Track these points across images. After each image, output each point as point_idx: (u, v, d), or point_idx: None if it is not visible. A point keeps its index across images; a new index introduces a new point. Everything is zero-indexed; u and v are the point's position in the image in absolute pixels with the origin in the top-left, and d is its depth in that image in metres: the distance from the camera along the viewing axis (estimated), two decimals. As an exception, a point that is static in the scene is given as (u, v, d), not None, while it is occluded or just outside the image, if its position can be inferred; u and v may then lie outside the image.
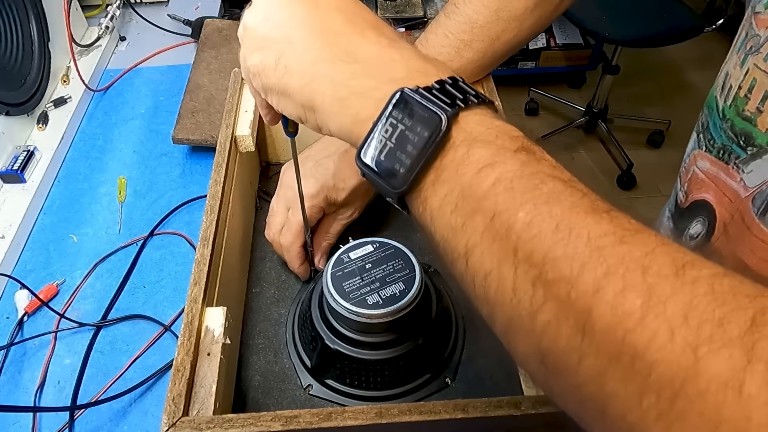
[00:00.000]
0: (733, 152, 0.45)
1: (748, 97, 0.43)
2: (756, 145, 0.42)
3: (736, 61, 0.45)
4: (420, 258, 0.50)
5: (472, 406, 0.37)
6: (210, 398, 0.40)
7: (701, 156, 0.50)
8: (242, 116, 0.61)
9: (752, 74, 0.43)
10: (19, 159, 0.75)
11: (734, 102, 0.45)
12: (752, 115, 0.42)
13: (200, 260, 0.46)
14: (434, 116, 0.27)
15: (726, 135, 0.46)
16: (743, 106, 0.43)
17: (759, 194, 0.43)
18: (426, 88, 0.28)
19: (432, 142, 0.27)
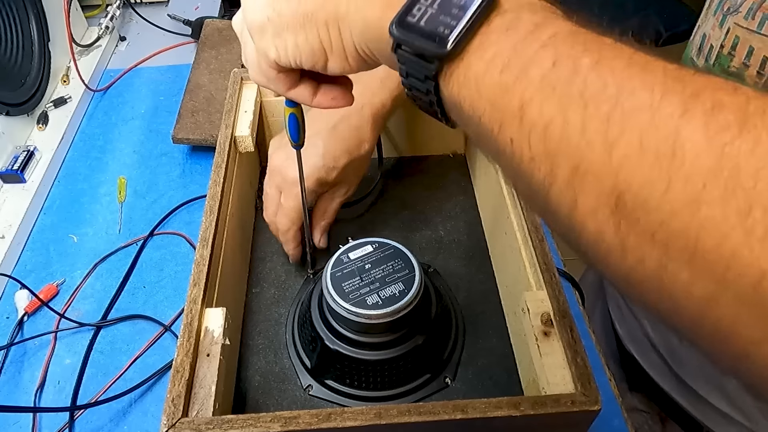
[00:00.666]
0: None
1: (732, 54, 0.46)
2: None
3: (714, 23, 0.48)
4: (420, 258, 0.50)
5: (471, 406, 0.37)
6: (209, 399, 0.40)
7: None
8: (242, 116, 0.61)
9: (734, 32, 0.45)
10: (19, 159, 0.75)
11: (718, 60, 0.47)
12: (739, 70, 0.45)
13: (199, 261, 0.47)
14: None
15: None
16: (728, 63, 0.46)
17: None
18: None
19: (481, 3, 0.25)
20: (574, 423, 0.39)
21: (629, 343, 0.67)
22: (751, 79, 0.45)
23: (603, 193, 0.21)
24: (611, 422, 0.55)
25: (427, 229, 0.64)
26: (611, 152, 0.21)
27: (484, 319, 0.56)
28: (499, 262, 0.59)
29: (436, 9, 0.26)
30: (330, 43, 0.32)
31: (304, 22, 0.32)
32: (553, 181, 0.23)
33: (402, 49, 0.27)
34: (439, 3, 0.26)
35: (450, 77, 0.27)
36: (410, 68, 0.28)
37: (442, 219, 0.65)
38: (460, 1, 0.26)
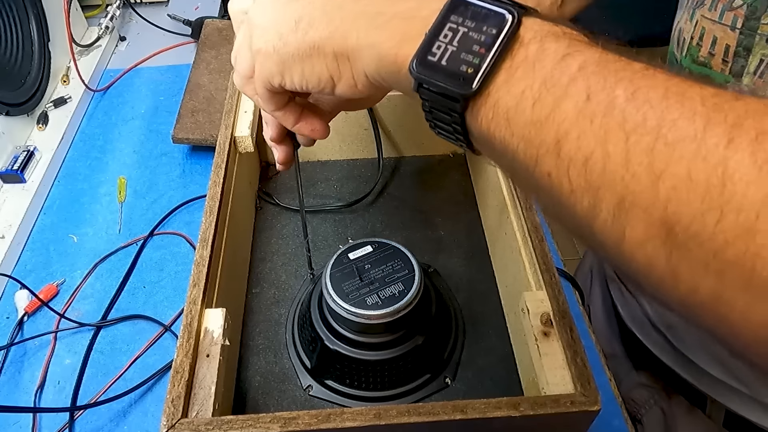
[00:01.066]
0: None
1: (699, 45, 0.49)
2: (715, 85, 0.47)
3: (686, 17, 0.51)
4: (420, 258, 0.50)
5: (470, 407, 0.37)
6: (209, 400, 0.40)
7: None
8: (241, 117, 0.61)
9: (701, 24, 0.49)
10: (19, 159, 0.75)
11: (689, 51, 0.50)
12: (706, 59, 0.49)
13: (199, 261, 0.47)
14: (501, 14, 0.25)
15: None
16: (697, 54, 0.50)
17: None
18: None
19: (504, 38, 0.25)
20: (573, 423, 0.39)
21: (631, 323, 0.69)
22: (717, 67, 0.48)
23: (652, 224, 0.21)
24: (611, 422, 0.55)
25: (427, 229, 0.64)
26: (658, 184, 0.21)
27: (484, 319, 0.56)
28: (499, 262, 0.59)
29: (457, 46, 0.26)
30: (339, 72, 0.32)
31: (311, 52, 0.31)
32: (598, 214, 0.23)
33: (424, 88, 0.27)
34: (459, 39, 0.26)
35: (478, 113, 0.26)
36: (434, 105, 0.28)
37: (442, 219, 0.65)
38: (480, 37, 0.26)
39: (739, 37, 0.46)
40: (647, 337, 0.67)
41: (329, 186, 0.69)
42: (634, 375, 0.71)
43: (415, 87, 0.27)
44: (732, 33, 0.46)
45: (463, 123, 0.27)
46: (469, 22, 0.26)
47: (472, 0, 0.26)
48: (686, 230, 0.20)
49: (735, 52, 0.47)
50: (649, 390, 0.69)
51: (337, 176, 0.70)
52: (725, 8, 0.46)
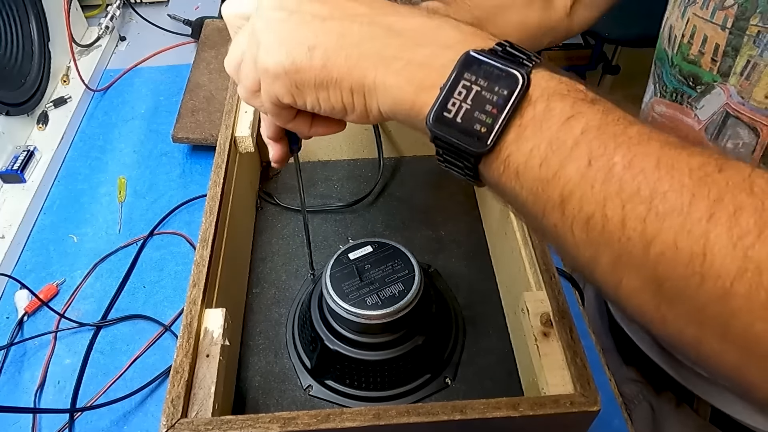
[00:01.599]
0: (685, 93, 0.52)
1: (690, 43, 0.50)
2: (703, 83, 0.49)
3: (677, 14, 0.52)
4: (420, 258, 0.50)
5: (470, 407, 0.37)
6: (209, 400, 0.40)
7: (657, 102, 0.57)
8: (242, 117, 0.61)
9: (692, 22, 0.49)
10: (19, 159, 0.75)
11: (679, 49, 0.51)
12: (696, 57, 0.50)
13: (199, 261, 0.47)
14: (512, 75, 0.27)
15: (676, 79, 0.52)
16: (687, 51, 0.50)
17: (711, 123, 0.49)
18: (491, 50, 0.29)
19: (514, 100, 0.27)
20: (573, 423, 0.39)
21: (620, 320, 0.72)
22: (706, 66, 0.49)
23: (644, 280, 0.25)
24: (611, 422, 0.55)
25: (427, 229, 0.64)
26: (649, 249, 0.24)
27: (484, 319, 0.56)
28: (499, 262, 0.59)
29: (471, 104, 0.28)
30: (353, 105, 0.32)
31: (327, 84, 0.32)
32: (597, 265, 0.26)
33: (440, 140, 0.29)
34: (473, 98, 0.28)
35: (490, 166, 0.28)
36: (448, 155, 0.30)
37: (442, 219, 0.65)
38: (493, 97, 0.27)
39: (729, 36, 0.47)
40: (635, 334, 0.69)
41: (330, 186, 0.69)
42: (624, 370, 0.73)
43: (432, 139, 0.29)
44: (722, 32, 0.47)
45: (476, 171, 0.29)
46: (482, 81, 0.28)
47: (484, 59, 0.28)
48: (673, 289, 0.24)
49: (724, 52, 0.47)
50: (638, 385, 0.72)
51: (338, 176, 0.70)
52: (717, 7, 0.47)
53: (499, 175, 0.28)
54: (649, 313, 0.25)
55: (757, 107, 0.47)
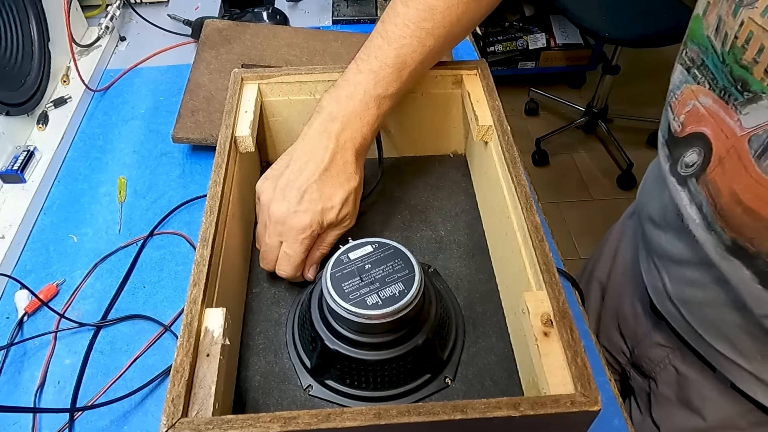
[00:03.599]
0: (732, 94, 0.49)
1: (745, 48, 0.47)
2: (752, 90, 0.47)
3: (727, 9, 0.49)
4: (420, 258, 0.50)
5: (470, 407, 0.37)
6: (209, 399, 0.40)
7: (703, 93, 0.54)
8: (242, 117, 0.61)
9: (748, 27, 0.47)
10: (19, 159, 0.75)
11: (732, 50, 0.49)
12: (749, 64, 0.47)
13: (199, 261, 0.47)
14: None
15: (726, 78, 0.50)
16: (741, 55, 0.48)
17: (755, 137, 0.47)
18: None
19: None
20: (573, 423, 0.39)
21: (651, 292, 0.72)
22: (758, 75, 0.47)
23: None
24: (611, 422, 0.55)
25: (427, 229, 0.64)
26: None
27: (484, 319, 0.56)
28: (499, 262, 0.59)
29: None
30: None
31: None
32: None
33: None
34: None
35: None
36: None
37: (442, 219, 0.65)
38: None
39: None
40: (663, 307, 0.69)
41: (329, 186, 0.68)
42: (652, 335, 0.73)
43: None
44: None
45: None
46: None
47: None
48: None
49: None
50: (665, 350, 0.72)
51: (337, 176, 0.69)
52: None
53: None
54: None
55: None
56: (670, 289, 0.66)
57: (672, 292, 0.66)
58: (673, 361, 0.71)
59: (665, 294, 0.67)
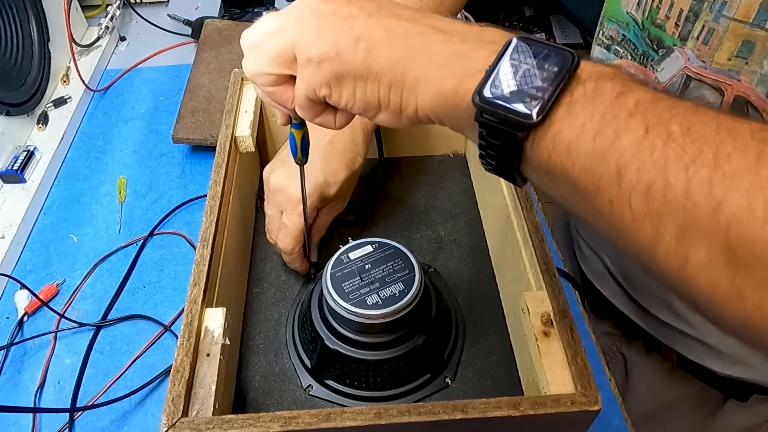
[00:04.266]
0: (649, 56, 0.54)
1: (659, 8, 0.52)
2: (665, 46, 0.52)
3: None
4: (420, 258, 0.50)
5: (471, 406, 0.37)
6: (209, 399, 0.40)
7: (626, 64, 0.59)
8: (242, 117, 0.61)
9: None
10: (19, 159, 0.75)
11: (649, 13, 0.54)
12: (662, 21, 0.52)
13: (200, 261, 0.47)
14: (562, 53, 0.27)
15: (644, 42, 0.55)
16: (656, 15, 0.53)
17: (671, 85, 0.52)
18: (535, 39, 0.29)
19: (564, 75, 0.27)
20: (573, 423, 0.39)
21: (592, 277, 0.74)
22: (669, 30, 0.51)
23: (715, 248, 0.23)
24: (611, 422, 0.55)
25: (427, 229, 0.64)
26: (718, 212, 0.22)
27: (484, 319, 0.56)
28: (499, 262, 0.59)
29: (519, 81, 0.28)
30: (388, 102, 0.32)
31: (366, 76, 0.32)
32: (660, 240, 0.25)
33: (485, 118, 0.28)
34: (521, 75, 0.28)
35: (539, 144, 0.28)
36: (493, 135, 0.29)
37: (442, 219, 0.65)
38: (542, 74, 0.27)
39: (692, 2, 0.49)
40: (606, 288, 0.72)
41: (329, 186, 0.68)
42: (598, 324, 0.76)
43: (477, 116, 0.29)
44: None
45: (521, 153, 0.29)
46: (530, 59, 0.28)
47: (528, 43, 0.28)
48: (749, 253, 0.22)
49: (686, 17, 0.50)
50: (612, 337, 0.75)
51: (337, 176, 0.69)
52: None
53: (549, 153, 0.27)
54: (723, 288, 0.23)
55: (720, 69, 0.49)
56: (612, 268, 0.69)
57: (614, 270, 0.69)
58: (620, 347, 0.73)
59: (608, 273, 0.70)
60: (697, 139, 0.23)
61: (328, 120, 0.38)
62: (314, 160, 0.54)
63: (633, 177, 0.24)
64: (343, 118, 0.38)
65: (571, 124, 0.26)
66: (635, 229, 0.25)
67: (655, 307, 0.65)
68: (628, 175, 0.25)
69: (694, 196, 0.23)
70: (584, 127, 0.26)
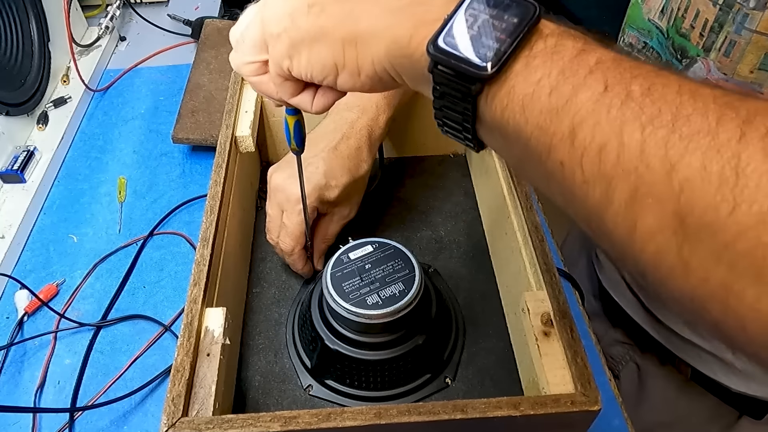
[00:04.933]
0: (673, 65, 0.53)
1: (684, 17, 0.51)
2: (689, 56, 0.52)
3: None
4: (420, 258, 0.50)
5: (470, 406, 0.37)
6: (209, 399, 0.40)
7: None
8: (242, 117, 0.61)
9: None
10: (19, 159, 0.75)
11: (674, 22, 0.52)
12: (687, 31, 0.51)
13: (200, 261, 0.47)
14: (523, 4, 0.26)
15: (669, 51, 0.54)
16: (680, 25, 0.52)
17: None
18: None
19: (524, 27, 0.26)
20: (573, 423, 0.39)
21: (608, 286, 0.73)
22: (694, 40, 0.50)
23: (664, 215, 0.22)
24: (611, 422, 0.55)
25: (427, 229, 0.64)
26: (672, 175, 0.21)
27: (484, 319, 0.56)
28: (499, 262, 0.59)
29: (476, 31, 0.26)
30: (344, 61, 0.32)
31: (320, 37, 0.31)
32: (610, 204, 0.23)
33: (439, 69, 0.27)
34: (479, 25, 0.26)
35: (492, 99, 0.27)
36: (446, 88, 0.28)
37: (442, 219, 0.65)
38: (501, 24, 0.26)
39: (718, 12, 0.48)
40: (622, 297, 0.71)
41: (329, 186, 0.68)
42: (612, 332, 0.76)
43: (431, 67, 0.27)
44: (713, 8, 0.48)
45: (475, 109, 0.27)
46: (490, 10, 0.26)
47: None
48: (699, 221, 0.21)
49: (711, 28, 0.49)
50: (625, 346, 0.74)
51: (337, 176, 0.69)
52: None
53: (503, 109, 0.26)
54: (670, 258, 0.22)
55: (742, 82, 0.49)
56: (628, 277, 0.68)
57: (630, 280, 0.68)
58: (633, 357, 0.72)
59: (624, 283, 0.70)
60: (657, 99, 0.22)
61: (304, 100, 0.37)
62: (318, 163, 0.55)
63: (587, 136, 0.23)
64: (320, 101, 0.37)
65: (527, 79, 0.25)
66: (585, 191, 0.24)
67: (670, 318, 0.64)
68: (582, 133, 0.23)
69: (648, 158, 0.22)
70: (540, 83, 0.25)
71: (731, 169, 0.20)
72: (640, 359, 0.72)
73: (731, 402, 0.65)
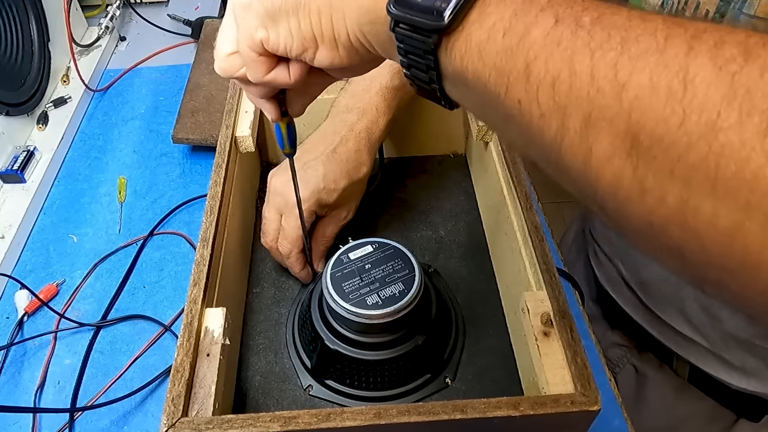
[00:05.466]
0: None
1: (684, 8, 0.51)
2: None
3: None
4: (420, 258, 0.50)
5: (470, 406, 0.37)
6: (209, 399, 0.40)
7: None
8: (242, 117, 0.61)
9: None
10: (19, 159, 0.75)
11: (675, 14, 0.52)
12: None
13: (200, 261, 0.47)
14: None
15: None
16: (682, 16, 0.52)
17: None
18: None
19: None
20: (573, 423, 0.39)
21: (606, 284, 0.73)
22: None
23: (617, 137, 0.22)
24: (611, 422, 0.55)
25: (427, 229, 0.64)
26: (621, 95, 0.21)
27: (484, 319, 0.56)
28: (499, 262, 0.59)
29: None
30: (321, 32, 0.32)
31: (296, 8, 0.32)
32: (565, 134, 0.23)
33: (400, 27, 0.28)
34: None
35: (451, 50, 0.27)
36: (409, 45, 0.28)
37: (442, 219, 0.65)
38: None
39: (719, 3, 0.48)
40: (620, 296, 0.71)
41: (329, 186, 0.68)
42: (610, 335, 0.75)
43: (392, 26, 0.28)
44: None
45: (437, 63, 0.28)
46: None
47: None
48: (650, 137, 0.21)
49: (712, 18, 0.48)
50: (623, 348, 0.74)
51: (337, 176, 0.69)
52: None
53: (461, 57, 0.27)
54: (626, 181, 0.22)
55: None
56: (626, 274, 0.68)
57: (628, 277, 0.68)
58: (631, 359, 0.72)
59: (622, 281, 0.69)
60: (607, 25, 0.22)
61: (281, 74, 0.36)
62: (317, 166, 0.55)
63: (540, 70, 0.24)
64: (297, 70, 0.36)
65: (482, 25, 0.26)
66: (542, 127, 0.24)
67: (669, 315, 0.64)
68: (536, 68, 0.24)
69: (599, 81, 0.22)
70: (495, 27, 0.25)
71: (679, 81, 0.20)
72: (638, 362, 0.72)
73: (729, 404, 0.65)
